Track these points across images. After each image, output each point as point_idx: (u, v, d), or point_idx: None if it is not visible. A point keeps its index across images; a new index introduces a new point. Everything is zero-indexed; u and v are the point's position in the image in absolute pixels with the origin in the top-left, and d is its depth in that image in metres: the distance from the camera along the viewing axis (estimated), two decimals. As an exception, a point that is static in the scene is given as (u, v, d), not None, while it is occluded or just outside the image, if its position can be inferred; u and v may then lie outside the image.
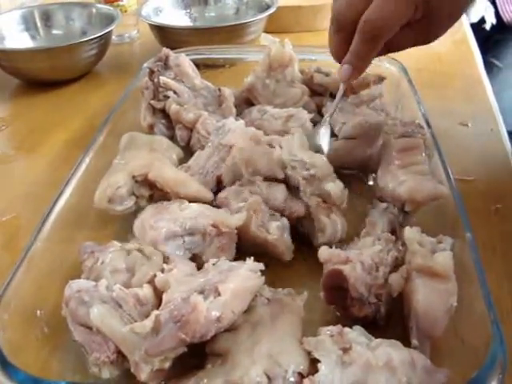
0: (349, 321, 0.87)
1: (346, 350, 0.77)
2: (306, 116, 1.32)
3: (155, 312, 0.79)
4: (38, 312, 0.91)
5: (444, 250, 0.89)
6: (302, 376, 0.76)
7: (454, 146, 1.32)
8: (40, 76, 1.82)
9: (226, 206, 1.07)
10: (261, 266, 0.88)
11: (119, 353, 0.82)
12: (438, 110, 1.42)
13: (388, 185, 1.07)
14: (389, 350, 0.77)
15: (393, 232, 0.99)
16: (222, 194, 1.10)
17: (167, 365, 0.78)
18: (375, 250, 0.92)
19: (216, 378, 0.77)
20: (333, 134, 1.28)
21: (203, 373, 0.79)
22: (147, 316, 0.83)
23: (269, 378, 0.75)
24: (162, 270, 0.91)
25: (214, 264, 0.90)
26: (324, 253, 0.93)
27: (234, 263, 0.90)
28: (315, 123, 1.32)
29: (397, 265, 0.92)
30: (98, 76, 1.93)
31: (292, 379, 0.76)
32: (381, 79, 1.39)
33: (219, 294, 0.79)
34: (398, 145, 1.11)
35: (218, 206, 1.08)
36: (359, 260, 0.89)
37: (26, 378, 0.74)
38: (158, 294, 0.87)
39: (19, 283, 0.88)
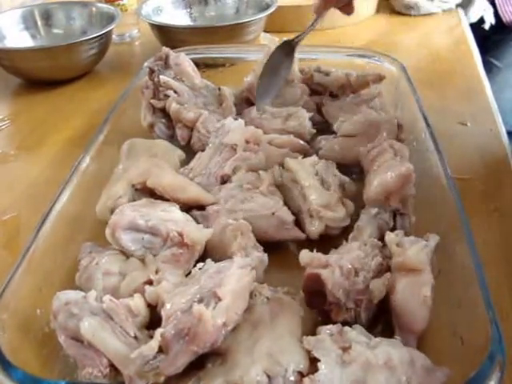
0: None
1: (345, 349, 0.77)
2: (305, 115, 1.32)
3: (159, 330, 0.77)
4: (38, 311, 0.91)
5: (425, 246, 0.90)
6: (301, 375, 0.76)
7: (452, 145, 1.32)
8: (40, 75, 1.82)
9: (214, 218, 1.06)
10: (249, 260, 0.88)
11: (112, 366, 0.80)
12: (437, 110, 1.42)
13: (367, 192, 1.07)
14: (388, 349, 0.77)
15: (382, 238, 0.98)
16: (214, 207, 1.09)
17: (162, 379, 0.76)
18: (357, 255, 0.91)
19: (216, 377, 0.76)
20: (331, 132, 1.28)
21: (203, 372, 0.79)
22: (140, 328, 0.84)
23: (269, 377, 0.75)
24: (151, 282, 0.91)
25: (200, 269, 0.90)
26: (305, 256, 0.93)
27: (221, 263, 0.89)
28: (314, 122, 1.33)
29: (384, 271, 0.91)
30: (98, 75, 1.93)
31: (292, 378, 0.76)
32: (380, 78, 1.39)
33: (219, 299, 0.78)
34: (370, 156, 1.12)
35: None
36: (338, 264, 0.89)
37: (25, 377, 0.74)
38: (150, 305, 0.87)
39: (19, 283, 0.88)
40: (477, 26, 2.15)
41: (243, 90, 1.46)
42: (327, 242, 1.04)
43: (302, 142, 1.28)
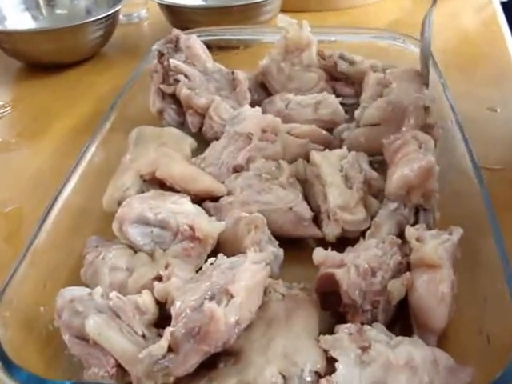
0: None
1: (364, 349, 0.77)
2: (335, 101, 1.33)
3: (169, 329, 0.78)
4: (42, 309, 0.92)
5: (446, 240, 0.90)
6: (318, 376, 0.77)
7: (481, 132, 1.31)
8: (43, 59, 1.82)
9: (227, 210, 1.07)
10: (263, 255, 0.88)
11: (119, 366, 0.81)
12: (465, 94, 1.42)
13: (387, 186, 1.06)
14: (410, 349, 0.77)
15: (402, 235, 0.97)
16: (228, 199, 1.10)
17: (171, 380, 0.77)
18: (374, 254, 0.91)
19: (229, 378, 0.77)
20: (352, 119, 1.28)
21: (215, 373, 0.79)
22: (148, 326, 0.85)
23: (284, 377, 0.76)
24: (160, 278, 0.92)
25: (211, 264, 0.90)
26: (318, 255, 0.93)
27: (234, 258, 0.89)
28: (345, 110, 1.33)
29: (403, 271, 0.90)
30: (104, 59, 1.94)
31: (308, 379, 0.76)
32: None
33: (232, 296, 0.78)
34: (391, 148, 1.10)
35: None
36: (354, 264, 0.88)
37: (29, 377, 0.75)
38: (159, 302, 0.88)
39: (22, 278, 0.89)
40: (509, 6, 2.14)
41: (258, 74, 1.47)
42: (346, 239, 1.04)
43: (324, 132, 1.27)
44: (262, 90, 1.46)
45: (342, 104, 1.35)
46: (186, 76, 1.36)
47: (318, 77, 1.43)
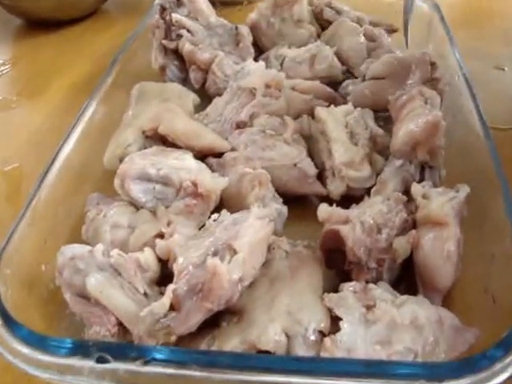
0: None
1: (369, 308, 0.77)
2: (330, 53, 1.31)
3: (171, 286, 0.77)
4: (43, 267, 0.91)
5: (453, 197, 0.90)
6: (322, 334, 0.76)
7: (488, 91, 1.29)
8: (43, 15, 1.81)
9: (231, 166, 1.06)
10: (267, 211, 0.88)
11: (121, 325, 0.81)
12: (473, 52, 1.40)
13: (392, 142, 1.04)
14: (415, 308, 0.77)
15: (407, 192, 0.96)
16: (231, 154, 1.09)
17: (173, 338, 0.77)
18: (379, 210, 0.90)
19: (231, 336, 0.77)
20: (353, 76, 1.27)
21: (218, 331, 0.79)
22: (150, 284, 0.84)
23: (288, 336, 0.76)
24: (162, 235, 0.91)
25: (214, 220, 0.89)
26: (323, 211, 0.92)
27: (237, 214, 0.88)
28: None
29: (409, 228, 0.89)
30: (105, 15, 1.93)
31: (312, 338, 0.76)
32: (392, 31, 1.38)
33: (235, 252, 0.77)
34: (398, 104, 1.08)
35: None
36: (359, 220, 0.87)
37: (30, 335, 0.74)
38: (161, 259, 0.87)
39: (22, 237, 0.89)
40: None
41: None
42: (351, 197, 1.03)
43: (329, 88, 1.26)
44: (254, 47, 1.43)
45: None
46: (188, 31, 1.34)
47: (309, 33, 1.41)
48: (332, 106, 1.16)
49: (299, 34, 1.41)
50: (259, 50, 1.44)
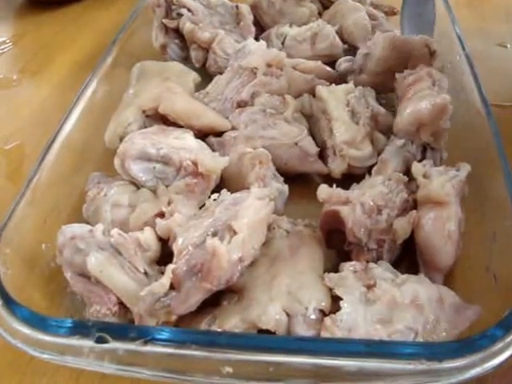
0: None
1: (370, 287, 0.77)
2: (331, 31, 1.30)
3: (171, 266, 0.77)
4: (44, 246, 0.91)
5: (454, 176, 0.89)
6: (323, 313, 0.76)
7: (490, 69, 1.29)
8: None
9: (231, 145, 1.06)
10: (267, 191, 0.87)
11: (121, 304, 0.81)
12: (474, 30, 1.41)
13: (396, 120, 1.03)
14: (415, 287, 0.77)
15: (408, 172, 0.96)
16: (232, 133, 1.08)
17: (174, 318, 0.77)
18: (380, 191, 0.89)
19: (232, 315, 0.77)
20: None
21: (218, 310, 0.79)
22: (150, 263, 0.84)
23: (288, 315, 0.76)
24: (162, 214, 0.91)
25: (214, 200, 0.89)
26: (323, 192, 0.91)
27: (237, 194, 0.87)
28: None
29: (409, 209, 0.89)
30: (107, -8, 1.91)
31: (313, 317, 0.76)
32: (393, 13, 1.38)
33: (235, 232, 0.77)
34: (405, 82, 1.07)
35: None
36: (360, 201, 0.87)
37: (30, 315, 0.75)
38: (161, 239, 0.87)
39: (23, 215, 0.89)
40: None
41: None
42: (352, 175, 1.03)
43: (329, 68, 1.24)
44: (255, 26, 1.42)
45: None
46: (189, 10, 1.33)
47: (310, 12, 1.40)
48: (333, 84, 1.15)
49: (300, 13, 1.40)
50: (260, 29, 1.43)
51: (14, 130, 1.31)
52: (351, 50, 1.31)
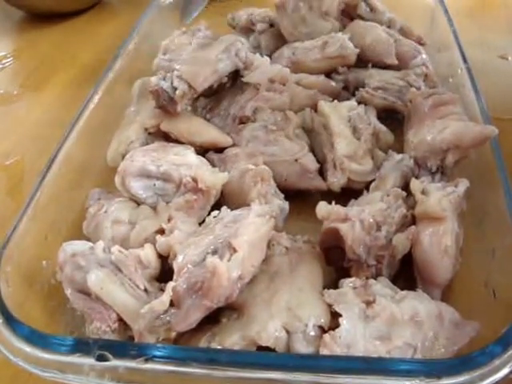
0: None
1: (369, 303, 0.77)
2: (343, 36, 1.29)
3: (171, 284, 0.78)
4: (44, 263, 0.92)
5: (451, 192, 0.90)
6: (322, 330, 0.77)
7: (491, 81, 1.30)
8: (45, 7, 1.81)
9: (232, 162, 1.06)
10: (267, 208, 0.88)
11: (121, 321, 0.82)
12: (476, 42, 1.41)
13: (426, 137, 1.02)
14: (415, 303, 0.77)
15: (407, 187, 0.96)
16: (233, 150, 1.09)
17: (173, 335, 0.78)
18: (379, 208, 0.90)
19: (231, 333, 0.78)
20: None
21: (218, 327, 0.80)
22: (150, 280, 0.85)
23: (288, 332, 0.76)
24: (162, 231, 0.91)
25: (214, 217, 0.90)
26: (322, 209, 0.91)
27: (237, 212, 0.88)
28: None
29: (408, 224, 0.90)
30: (108, 6, 1.93)
31: (312, 333, 0.76)
32: (420, 43, 1.37)
33: (235, 250, 0.78)
34: (430, 102, 1.07)
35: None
36: (359, 218, 0.87)
37: (31, 333, 0.75)
38: (161, 255, 0.88)
39: (24, 232, 0.89)
40: None
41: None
42: (351, 192, 1.03)
43: (333, 83, 1.26)
44: (274, 40, 1.43)
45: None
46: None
47: (332, 27, 1.38)
48: (335, 101, 1.16)
49: (321, 26, 1.38)
50: (282, 42, 1.42)
51: (15, 144, 1.32)
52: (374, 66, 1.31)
